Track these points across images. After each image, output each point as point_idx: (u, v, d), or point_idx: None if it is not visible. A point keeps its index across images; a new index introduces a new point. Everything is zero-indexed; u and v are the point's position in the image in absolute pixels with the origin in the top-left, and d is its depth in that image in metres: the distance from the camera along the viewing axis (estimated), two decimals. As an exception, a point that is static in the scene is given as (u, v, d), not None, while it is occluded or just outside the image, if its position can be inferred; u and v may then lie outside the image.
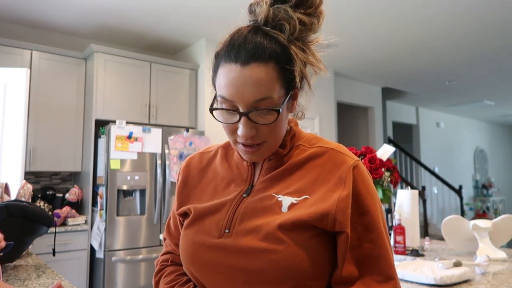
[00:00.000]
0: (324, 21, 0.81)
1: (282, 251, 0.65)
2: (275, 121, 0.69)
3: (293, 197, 0.71)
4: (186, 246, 0.76)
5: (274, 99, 0.68)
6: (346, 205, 0.67)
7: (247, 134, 0.69)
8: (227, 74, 0.68)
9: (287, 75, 0.70)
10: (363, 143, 5.92)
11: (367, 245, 0.68)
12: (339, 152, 0.74)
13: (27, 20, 3.54)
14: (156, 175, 3.44)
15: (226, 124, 0.72)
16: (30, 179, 3.51)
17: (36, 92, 3.37)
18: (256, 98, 0.67)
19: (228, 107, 0.70)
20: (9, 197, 1.77)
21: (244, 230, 0.70)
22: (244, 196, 0.75)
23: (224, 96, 0.69)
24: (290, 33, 0.71)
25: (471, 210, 8.21)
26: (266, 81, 0.67)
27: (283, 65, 0.69)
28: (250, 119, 0.68)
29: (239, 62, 0.67)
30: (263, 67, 0.67)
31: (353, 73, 5.32)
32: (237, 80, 0.67)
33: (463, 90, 6.16)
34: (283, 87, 0.70)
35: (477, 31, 3.79)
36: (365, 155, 2.14)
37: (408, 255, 1.89)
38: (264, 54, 0.67)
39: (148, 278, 3.34)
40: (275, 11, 0.71)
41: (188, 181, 0.86)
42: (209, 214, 0.76)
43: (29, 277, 1.36)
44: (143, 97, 3.71)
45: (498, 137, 9.96)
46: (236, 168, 0.81)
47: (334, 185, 0.70)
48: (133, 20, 3.56)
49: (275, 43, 0.69)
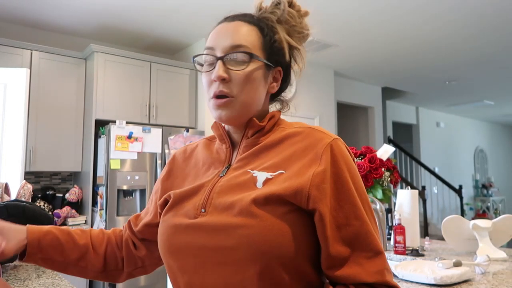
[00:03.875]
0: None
1: (255, 226, 0.64)
2: (246, 67, 0.74)
3: (268, 172, 0.70)
4: (163, 231, 0.76)
5: (250, 49, 0.75)
6: (321, 180, 0.66)
7: (218, 74, 0.73)
8: (215, 29, 0.79)
9: (267, 44, 0.78)
10: (363, 143, 5.92)
11: (354, 222, 0.67)
12: (317, 130, 0.74)
13: (27, 20, 3.54)
14: (156, 175, 3.44)
15: (204, 73, 0.77)
16: (30, 179, 3.51)
17: (36, 92, 3.37)
18: (234, 43, 0.74)
19: (209, 56, 0.77)
20: (9, 197, 1.77)
21: (220, 207, 0.69)
22: (221, 176, 0.76)
23: (208, 45, 0.77)
24: (279, 16, 0.80)
25: (471, 210, 8.21)
26: (246, 34, 0.76)
27: (265, 34, 0.78)
28: (224, 63, 0.74)
29: (227, 20, 0.79)
30: (245, 24, 0.77)
31: (353, 73, 5.32)
32: (221, 30, 0.77)
33: (463, 90, 6.17)
34: (263, 50, 0.77)
35: (477, 31, 3.79)
36: (365, 155, 2.14)
37: (408, 255, 1.89)
38: (249, 17, 0.79)
39: (148, 278, 3.34)
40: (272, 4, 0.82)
41: (172, 172, 0.88)
42: (187, 197, 0.76)
43: (29, 277, 1.36)
44: (143, 97, 3.71)
45: (498, 137, 9.96)
46: (215, 152, 0.83)
47: (309, 161, 0.69)
48: (133, 20, 3.56)
49: (262, 19, 0.80)
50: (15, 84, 2.90)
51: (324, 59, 4.68)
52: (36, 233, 0.84)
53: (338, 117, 5.91)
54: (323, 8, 3.28)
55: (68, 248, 0.86)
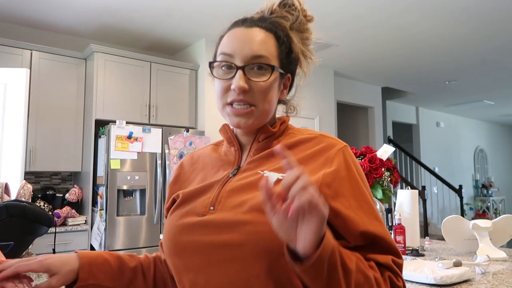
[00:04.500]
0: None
1: (264, 223, 0.63)
2: (268, 79, 0.73)
3: (280, 173, 0.70)
4: (169, 229, 0.75)
5: (270, 60, 0.74)
6: (332, 179, 0.68)
7: (240, 86, 0.72)
8: (231, 34, 0.76)
9: (283, 53, 0.77)
10: (363, 143, 5.92)
11: (375, 222, 0.68)
12: (329, 137, 0.76)
13: (27, 20, 3.54)
14: (156, 175, 3.44)
15: (221, 80, 0.75)
16: (30, 179, 3.51)
17: (36, 92, 3.37)
18: (255, 53, 0.73)
19: (226, 62, 0.75)
20: (9, 197, 1.77)
21: (229, 205, 0.70)
22: (230, 177, 0.76)
23: (225, 51, 0.75)
24: (292, 22, 0.80)
25: (471, 210, 8.21)
26: (266, 43, 0.75)
27: (281, 43, 0.77)
28: (245, 73, 0.73)
29: (244, 25, 0.76)
30: (264, 32, 0.76)
31: (353, 73, 5.32)
32: (240, 36, 0.75)
33: (463, 90, 6.16)
34: (279, 59, 0.76)
35: (477, 31, 3.79)
36: (365, 155, 2.14)
37: (408, 255, 1.89)
38: (266, 24, 0.77)
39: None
40: (281, 5, 0.81)
41: (180, 177, 0.88)
42: (196, 196, 0.77)
43: (29, 277, 1.36)
44: (143, 97, 3.71)
45: (498, 137, 9.96)
46: (224, 155, 0.83)
47: (320, 164, 0.71)
48: (133, 20, 3.56)
49: (277, 26, 0.79)
50: (15, 84, 2.90)
51: (324, 59, 4.68)
52: (87, 257, 0.80)
53: (338, 117, 5.90)
54: (323, 8, 3.28)
55: (118, 273, 0.83)
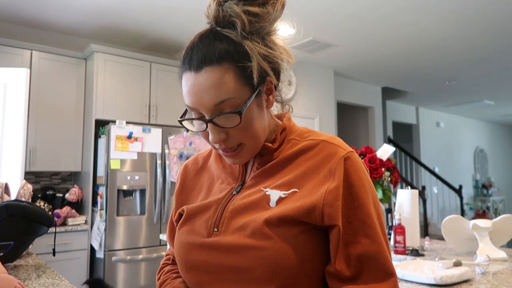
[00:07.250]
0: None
1: (269, 248, 0.63)
2: (240, 123, 0.67)
3: (282, 191, 0.69)
4: (178, 248, 0.76)
5: (236, 99, 0.66)
6: (334, 197, 0.65)
7: (216, 140, 0.69)
8: (185, 83, 0.68)
9: (246, 73, 0.67)
10: (363, 143, 5.92)
11: (363, 240, 0.64)
12: (331, 144, 0.71)
13: (27, 20, 3.54)
14: (156, 175, 3.44)
15: (199, 132, 0.72)
16: (30, 179, 3.51)
17: (36, 92, 3.37)
18: (215, 102, 0.66)
19: (196, 116, 0.69)
20: (9, 197, 1.77)
21: (233, 228, 0.69)
22: (234, 194, 0.75)
23: (188, 105, 0.69)
24: (241, 29, 0.68)
25: (471, 210, 8.21)
26: (222, 82, 0.65)
27: (239, 63, 0.66)
28: (216, 124, 0.68)
29: (193, 69, 0.67)
30: (216, 70, 0.65)
31: (353, 73, 5.32)
32: (194, 88, 0.66)
33: (463, 90, 6.16)
34: (246, 84, 0.67)
35: (477, 30, 3.79)
36: (365, 155, 2.15)
37: (408, 255, 1.89)
38: (214, 56, 0.66)
39: (148, 278, 3.34)
40: (225, 8, 0.68)
41: (185, 185, 0.87)
42: (199, 214, 0.76)
43: (29, 277, 1.36)
44: (143, 97, 3.71)
45: (498, 137, 9.96)
46: (228, 166, 0.80)
47: (323, 178, 0.67)
48: (133, 20, 3.55)
49: (226, 42, 0.67)
50: (15, 84, 2.90)
51: (324, 59, 4.68)
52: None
53: (338, 117, 5.91)
54: (323, 8, 3.28)
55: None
